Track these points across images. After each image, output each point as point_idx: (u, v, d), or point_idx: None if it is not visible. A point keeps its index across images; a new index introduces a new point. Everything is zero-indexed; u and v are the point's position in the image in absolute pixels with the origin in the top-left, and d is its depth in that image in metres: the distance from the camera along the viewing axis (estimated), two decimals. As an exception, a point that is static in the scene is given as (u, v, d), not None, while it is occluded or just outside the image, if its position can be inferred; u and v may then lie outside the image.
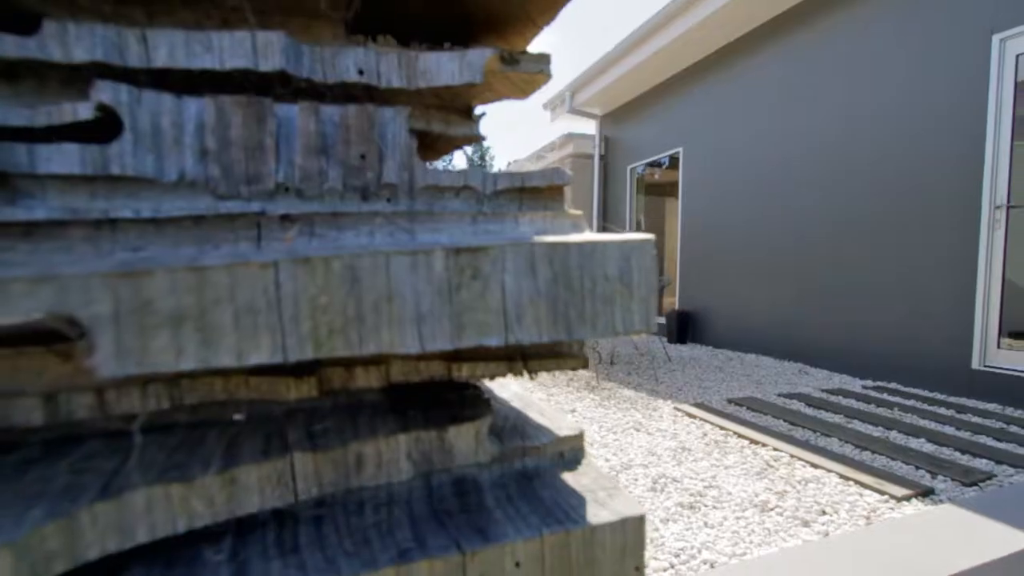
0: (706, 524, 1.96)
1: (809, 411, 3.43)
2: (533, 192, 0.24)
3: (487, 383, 0.25)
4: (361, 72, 0.21)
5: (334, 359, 0.20)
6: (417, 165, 0.22)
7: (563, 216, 0.23)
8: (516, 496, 0.21)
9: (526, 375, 0.23)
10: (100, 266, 0.15)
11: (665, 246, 8.19)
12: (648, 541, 1.83)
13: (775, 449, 2.71)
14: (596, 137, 9.38)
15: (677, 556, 1.74)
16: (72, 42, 0.18)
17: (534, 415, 0.26)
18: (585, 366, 0.23)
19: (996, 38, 3.58)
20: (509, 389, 0.29)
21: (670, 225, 7.85)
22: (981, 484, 2.30)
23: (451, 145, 0.25)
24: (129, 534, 0.16)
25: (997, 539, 1.72)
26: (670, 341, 6.73)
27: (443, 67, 0.22)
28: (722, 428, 3.06)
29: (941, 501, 2.13)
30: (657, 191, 9.02)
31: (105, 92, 0.19)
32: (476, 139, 0.27)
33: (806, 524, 1.98)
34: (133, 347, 0.15)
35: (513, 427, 0.25)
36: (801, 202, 5.25)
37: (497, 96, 0.27)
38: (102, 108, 0.19)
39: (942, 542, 1.72)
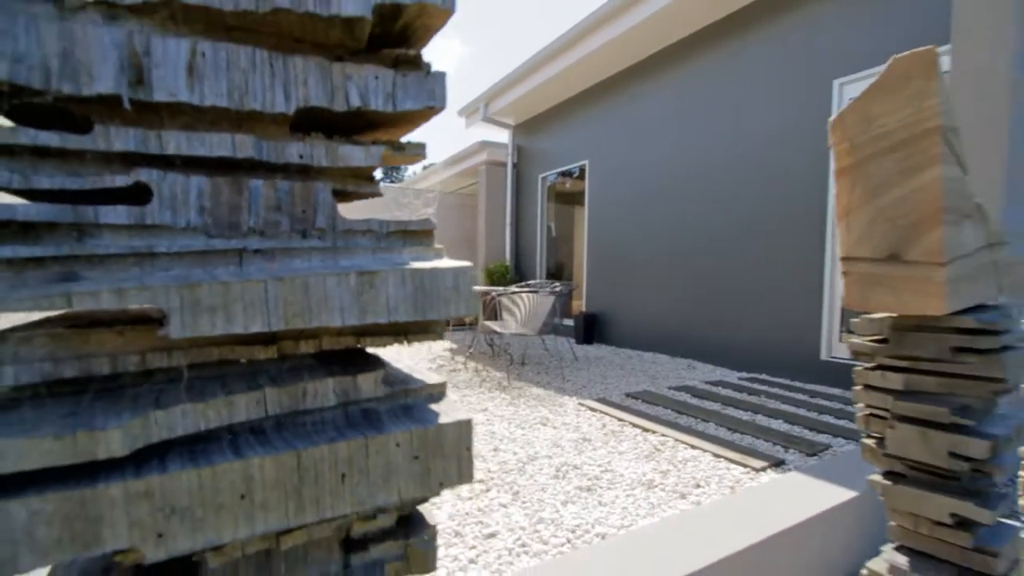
0: (600, 503, 2.18)
1: (693, 401, 3.86)
2: (412, 233, 0.36)
3: (386, 357, 0.36)
4: (301, 156, 0.32)
5: (289, 332, 0.30)
6: (338, 216, 0.33)
7: (430, 249, 0.35)
8: (400, 415, 0.33)
9: (405, 343, 0.34)
10: (169, 280, 0.25)
11: (574, 252, 8.64)
12: (549, 521, 2.01)
13: (662, 435, 3.04)
14: (509, 146, 9.68)
15: (573, 532, 1.94)
16: (112, 138, 0.27)
17: (415, 375, 0.38)
18: (439, 338, 0.34)
19: (836, 82, 4.30)
20: (402, 363, 0.41)
21: (579, 232, 8.30)
22: (821, 454, 2.77)
23: (361, 198, 0.36)
24: (174, 429, 0.25)
25: (827, 495, 2.10)
26: (578, 342, 7.13)
27: (355, 154, 0.34)
28: (619, 419, 3.36)
29: (789, 470, 2.53)
30: (568, 199, 9.47)
31: (142, 173, 0.28)
32: (378, 194, 0.39)
33: (683, 496, 2.27)
34: (189, 323, 0.25)
35: (400, 379, 0.37)
36: (689, 214, 5.85)
37: (391, 164, 0.38)
38: (139, 183, 0.28)
39: (787, 500, 2.08)
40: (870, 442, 1.03)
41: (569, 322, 7.61)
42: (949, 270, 0.82)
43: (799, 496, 2.12)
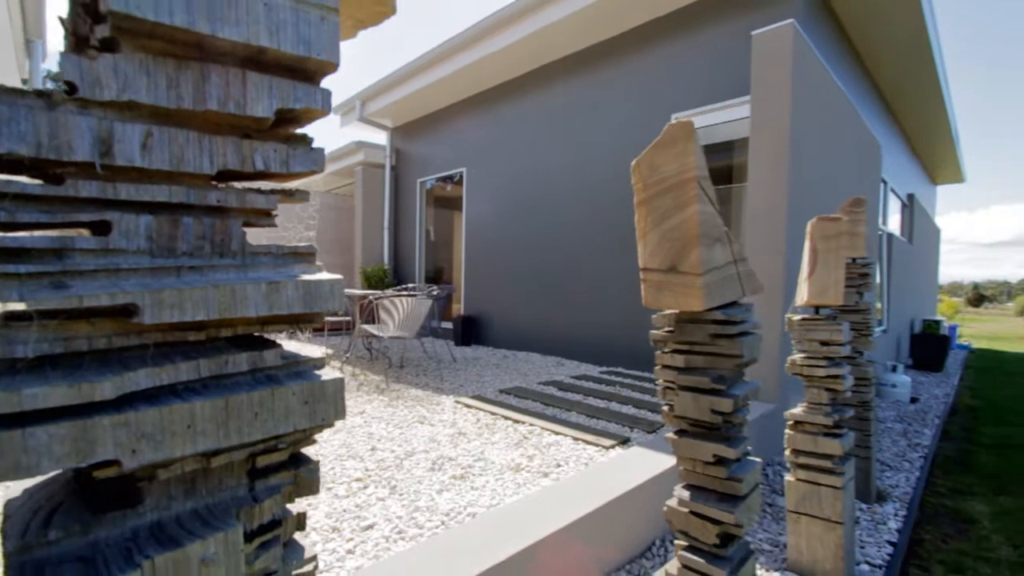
0: (472, 488, 2.39)
1: (559, 393, 4.27)
2: (301, 254, 0.50)
3: (287, 345, 0.49)
4: (219, 201, 0.44)
5: (212, 323, 0.42)
6: (246, 242, 0.46)
7: (313, 266, 0.49)
8: (294, 376, 0.47)
9: (297, 330, 0.48)
10: (139, 287, 0.36)
11: (453, 256, 8.83)
12: (425, 509, 2.16)
13: (531, 425, 3.35)
14: (387, 148, 9.58)
15: (447, 515, 2.11)
16: (79, 188, 0.37)
17: (303, 353, 0.52)
18: (321, 329, 0.47)
19: (673, 116, 5.05)
20: (293, 347, 0.56)
21: (458, 237, 8.51)
22: (658, 431, 3.27)
23: (264, 226, 0.49)
24: (140, 384, 0.37)
25: (658, 462, 2.53)
26: (456, 344, 7.33)
27: (258, 200, 0.47)
28: (493, 414, 3.61)
29: (632, 446, 2.97)
30: (448, 204, 9.62)
31: (105, 213, 0.38)
32: (274, 225, 0.52)
33: (546, 475, 2.57)
34: (155, 314, 0.36)
35: (293, 355, 0.51)
36: (555, 223, 6.37)
37: (283, 203, 0.52)
38: (103, 220, 0.38)
39: (629, 469, 2.46)
40: (666, 408, 1.35)
41: (448, 325, 7.79)
42: (705, 279, 1.14)
43: (638, 465, 2.52)
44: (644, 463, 2.54)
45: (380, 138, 9.87)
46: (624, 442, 3.04)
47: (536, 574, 1.80)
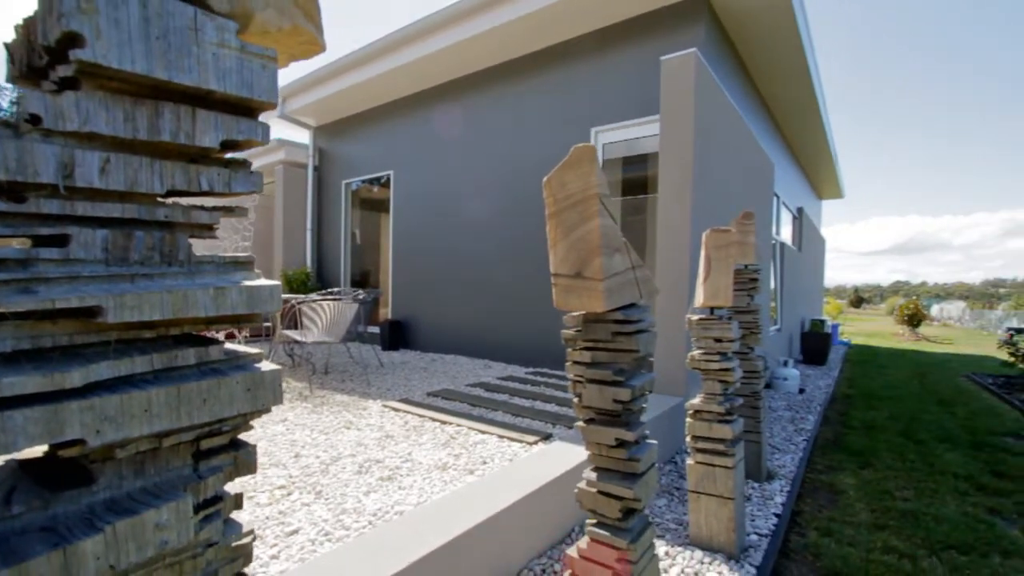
0: (400, 488, 2.44)
1: (486, 394, 4.38)
2: (241, 263, 0.57)
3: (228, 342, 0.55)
4: (167, 217, 0.51)
5: (166, 321, 0.48)
6: (192, 253, 0.53)
7: (252, 273, 0.56)
8: (237, 368, 0.54)
9: (238, 328, 0.55)
10: (100, 291, 0.41)
11: (380, 260, 8.71)
12: (352, 511, 2.18)
13: (458, 425, 3.44)
14: (310, 147, 9.27)
15: (375, 515, 2.15)
16: (41, 206, 0.43)
17: (243, 350, 0.59)
18: (260, 324, 0.55)
19: (592, 130, 5.37)
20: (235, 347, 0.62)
21: (385, 240, 8.40)
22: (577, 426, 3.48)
23: (207, 238, 0.55)
24: (103, 374, 0.42)
25: (577, 454, 2.70)
26: (384, 348, 7.24)
27: (202, 216, 0.54)
28: (420, 416, 3.66)
29: (554, 441, 3.14)
30: (374, 206, 9.44)
31: (65, 227, 0.43)
32: (215, 238, 0.58)
33: (472, 472, 2.67)
34: (118, 315, 0.42)
35: (235, 351, 0.57)
36: (481, 228, 6.51)
37: (225, 217, 0.59)
38: (63, 233, 0.43)
39: (549, 463, 2.61)
40: (576, 400, 1.51)
41: (375, 329, 7.67)
42: (606, 283, 1.30)
43: (558, 458, 2.69)
44: (563, 456, 2.71)
45: (303, 137, 9.53)
46: (547, 438, 3.21)
47: (461, 566, 1.90)
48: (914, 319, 20.82)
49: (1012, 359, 8.38)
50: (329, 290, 5.99)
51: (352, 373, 5.34)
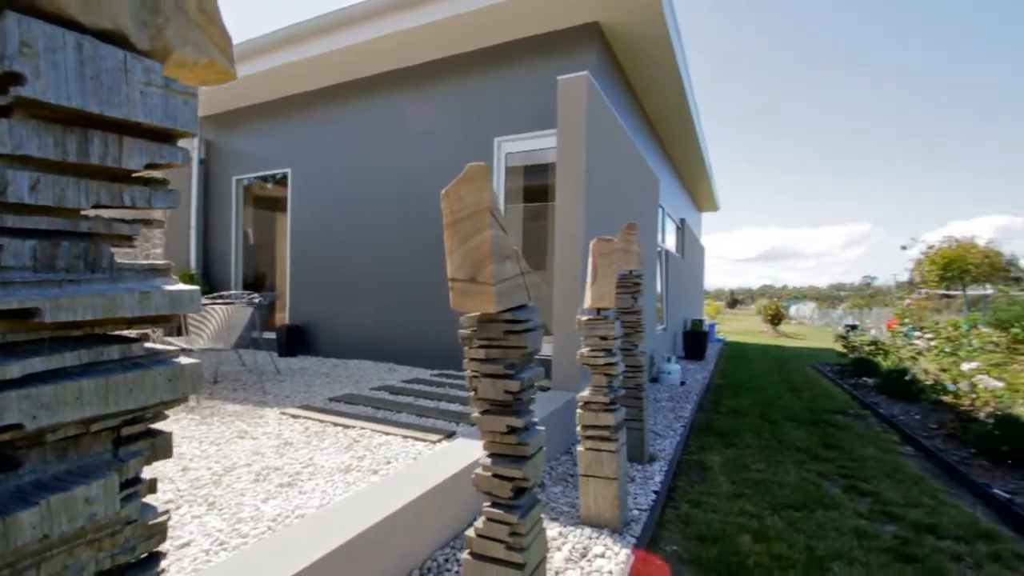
0: (301, 493, 2.42)
1: (391, 397, 4.40)
2: (159, 269, 0.63)
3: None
4: (90, 229, 0.56)
5: (96, 321, 0.53)
6: (114, 260, 0.58)
7: (170, 278, 0.63)
8: (159, 363, 0.61)
9: (159, 328, 0.61)
10: (35, 295, 0.45)
11: (276, 261, 8.25)
12: (249, 519, 2.14)
13: (361, 428, 3.44)
14: (196, 139, 8.54)
15: (274, 520, 2.13)
16: None
17: (161, 347, 0.65)
18: (177, 323, 0.60)
19: (495, 140, 5.60)
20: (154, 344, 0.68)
21: (282, 240, 7.98)
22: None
23: (125, 247, 0.60)
24: (37, 367, 0.47)
25: (478, 449, 2.85)
26: (281, 355, 6.89)
27: (123, 228, 0.60)
28: (321, 422, 3.60)
29: (457, 438, 3.27)
30: (269, 204, 8.90)
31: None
32: (133, 247, 0.63)
33: (375, 473, 2.71)
34: (53, 315, 0.47)
35: (156, 349, 0.64)
36: (385, 229, 6.48)
37: (145, 229, 0.63)
38: None
39: (452, 459, 2.74)
40: (473, 393, 1.65)
41: (271, 335, 7.27)
42: (497, 288, 1.47)
43: (460, 454, 2.82)
44: (466, 452, 2.85)
45: (186, 127, 8.74)
46: (450, 436, 3.33)
47: (364, 561, 1.96)
48: (775, 318, 23.82)
49: (844, 351, 9.98)
50: (219, 294, 5.60)
51: (245, 381, 5.05)
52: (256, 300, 5.06)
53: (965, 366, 5.44)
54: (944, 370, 5.93)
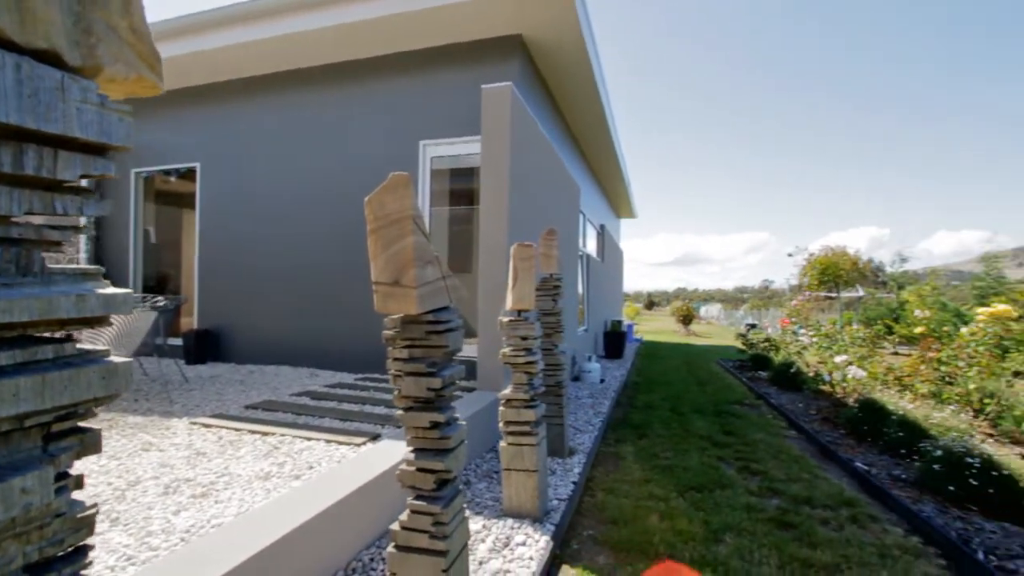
0: (217, 503, 2.35)
1: (313, 402, 4.30)
2: (89, 273, 0.66)
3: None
4: (20, 235, 0.59)
5: (31, 323, 0.56)
6: (45, 265, 0.61)
7: (101, 282, 0.66)
8: (91, 362, 0.64)
9: (93, 327, 0.64)
10: None
11: (183, 262, 7.68)
12: (160, 532, 2.05)
13: (281, 435, 3.35)
14: (87, 128, 7.75)
15: (188, 532, 2.06)
16: None
17: (91, 347, 0.68)
18: (110, 324, 0.65)
19: (421, 143, 5.63)
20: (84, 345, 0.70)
21: (189, 238, 7.44)
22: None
23: (55, 252, 0.62)
24: None
25: (404, 451, 2.89)
26: (189, 362, 6.44)
27: (53, 235, 0.62)
28: (237, 430, 3.46)
29: (382, 440, 3.29)
30: (174, 200, 8.23)
31: None
32: (61, 252, 0.66)
33: (297, 478, 2.67)
34: None
35: (86, 350, 0.67)
36: (308, 231, 6.28)
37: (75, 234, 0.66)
38: None
39: (376, 460, 2.76)
40: (396, 392, 1.73)
41: (177, 341, 6.77)
42: (419, 291, 1.56)
43: (386, 455, 2.85)
44: (390, 452, 2.88)
45: (74, 114, 7.91)
46: (375, 438, 3.34)
47: (285, 566, 1.95)
48: (687, 319, 25.58)
49: (744, 347, 10.98)
50: (116, 298, 5.15)
51: (148, 391, 4.70)
52: (160, 304, 4.73)
53: (838, 359, 6.23)
54: (822, 363, 6.74)
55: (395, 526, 1.71)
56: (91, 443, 0.69)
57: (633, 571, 2.47)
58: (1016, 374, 4.96)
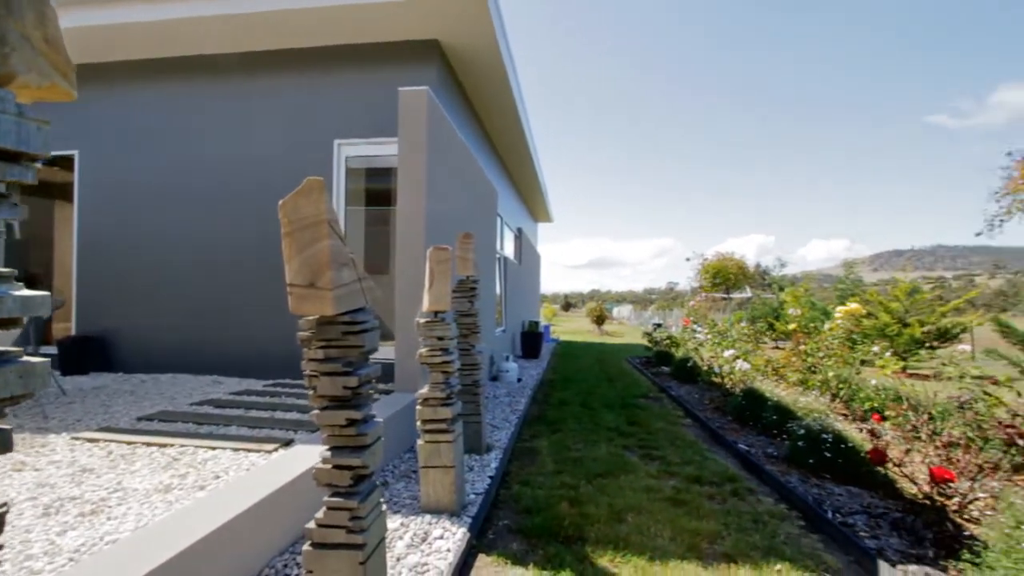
0: (110, 519, 2.20)
1: (217, 411, 4.07)
2: (4, 276, 0.67)
3: None
4: None
5: None
6: None
7: (15, 285, 0.68)
8: (9, 363, 0.66)
9: (13, 328, 0.65)
10: None
11: (56, 261, 6.85)
12: (42, 555, 1.90)
13: (182, 446, 3.17)
14: (-70, 105, 6.68)
15: (77, 551, 1.93)
16: None
17: (10, 349, 0.68)
18: (21, 326, 0.65)
19: (335, 142, 5.52)
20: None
21: (64, 234, 6.64)
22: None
23: None
24: None
25: (313, 458, 2.86)
26: (66, 373, 5.77)
27: None
28: (129, 443, 3.21)
29: (296, 445, 3.21)
30: (45, 192, 7.29)
31: None
32: None
33: (203, 488, 2.56)
34: None
35: (6, 351, 0.68)
36: (208, 229, 5.90)
37: None
38: None
39: (290, 465, 2.71)
40: (312, 392, 1.75)
41: (51, 349, 6.03)
42: (335, 292, 1.61)
43: (300, 459, 2.81)
44: (305, 457, 2.84)
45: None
46: (288, 444, 3.26)
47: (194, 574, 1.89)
48: (600, 319, 26.86)
49: (650, 345, 11.80)
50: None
51: (14, 408, 4.18)
52: (32, 309, 4.22)
53: (726, 353, 6.94)
54: (715, 357, 7.46)
55: (311, 524, 1.74)
56: (2, 442, 0.71)
57: (544, 554, 2.66)
58: (863, 362, 5.86)
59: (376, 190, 6.34)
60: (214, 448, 3.13)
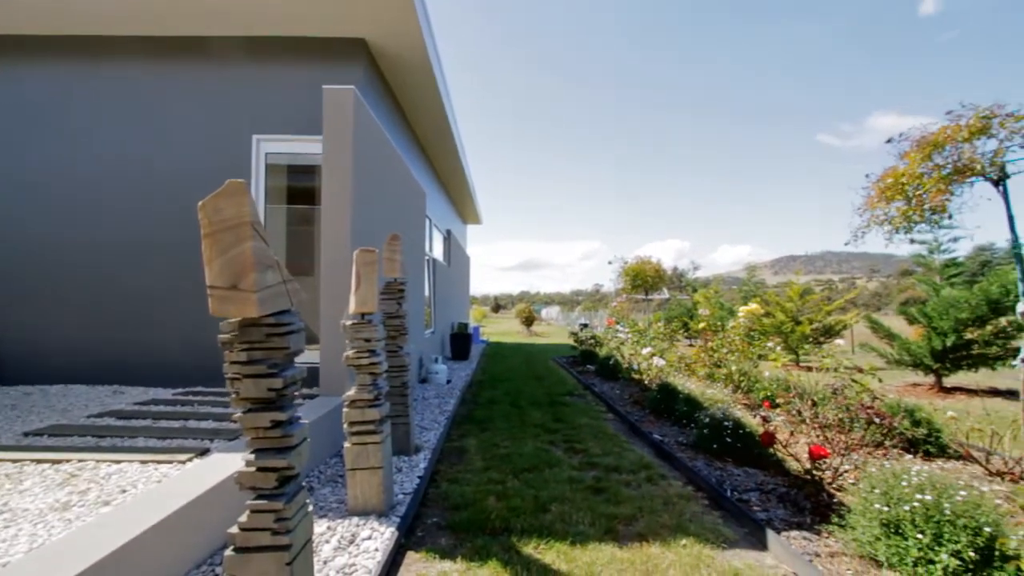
0: (-4, 542, 2.02)
1: (119, 423, 3.78)
2: None
3: None
4: None
5: None
6: None
7: None
8: None
9: None
10: None
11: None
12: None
13: (80, 461, 2.93)
14: None
15: (-44, 578, 1.76)
16: None
17: None
18: None
19: (255, 137, 5.29)
20: None
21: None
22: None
23: None
24: None
25: (233, 466, 2.76)
26: (-72, 389, 5.06)
27: None
28: (15, 461, 2.92)
29: (212, 455, 3.08)
30: None
31: None
32: None
33: (108, 504, 2.40)
34: None
35: None
36: (108, 228, 5.43)
37: None
38: None
39: (206, 475, 2.61)
40: (234, 394, 1.73)
41: (-92, 363, 5.27)
42: (259, 295, 1.61)
43: (217, 468, 2.71)
44: (223, 465, 2.74)
45: None
46: (203, 453, 3.11)
47: (97, 592, 1.80)
48: (528, 320, 27.39)
49: (576, 345, 12.25)
50: None
51: None
52: None
53: (644, 351, 7.40)
54: (634, 355, 7.92)
55: (233, 529, 1.72)
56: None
57: (472, 546, 2.75)
58: (760, 356, 6.51)
59: (299, 188, 6.13)
60: (119, 461, 2.92)
